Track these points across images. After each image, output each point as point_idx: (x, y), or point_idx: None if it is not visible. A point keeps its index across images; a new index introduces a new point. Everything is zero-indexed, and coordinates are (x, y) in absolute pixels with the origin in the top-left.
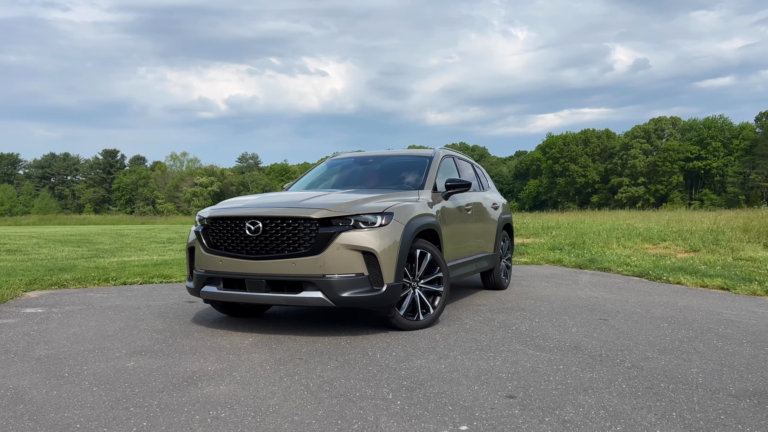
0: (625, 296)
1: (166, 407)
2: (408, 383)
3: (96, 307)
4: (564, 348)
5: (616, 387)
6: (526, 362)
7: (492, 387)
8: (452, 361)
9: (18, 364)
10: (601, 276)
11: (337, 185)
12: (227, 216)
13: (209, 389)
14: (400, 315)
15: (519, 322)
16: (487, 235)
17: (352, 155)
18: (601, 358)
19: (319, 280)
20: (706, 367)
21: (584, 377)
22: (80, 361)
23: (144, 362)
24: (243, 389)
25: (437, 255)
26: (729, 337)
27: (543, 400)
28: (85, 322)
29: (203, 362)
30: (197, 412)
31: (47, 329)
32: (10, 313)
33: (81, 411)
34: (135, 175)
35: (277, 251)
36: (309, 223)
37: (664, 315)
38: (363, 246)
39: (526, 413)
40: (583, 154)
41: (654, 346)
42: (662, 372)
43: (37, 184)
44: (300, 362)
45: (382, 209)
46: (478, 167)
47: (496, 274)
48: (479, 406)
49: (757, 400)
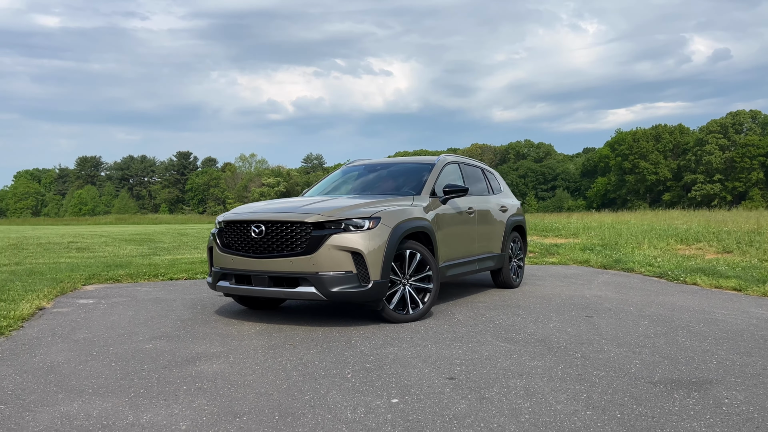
0: (630, 296)
1: (162, 379)
2: (370, 366)
3: (138, 299)
4: (531, 341)
5: (551, 373)
6: (486, 351)
7: (440, 370)
8: (420, 349)
9: (59, 344)
10: (621, 276)
11: (345, 191)
12: (237, 220)
13: (203, 367)
14: (390, 309)
15: (505, 318)
16: (493, 236)
17: (363, 163)
18: (558, 350)
19: (312, 277)
20: (649, 359)
21: (529, 365)
22: (109, 343)
23: (160, 345)
24: (231, 368)
25: (427, 255)
26: (698, 334)
27: (477, 381)
28: (124, 312)
29: (208, 346)
30: (186, 384)
31: (91, 317)
32: (67, 303)
33: (96, 380)
34: (206, 176)
35: (278, 251)
36: (304, 227)
37: (652, 313)
38: (351, 247)
39: (455, 391)
40: (654, 150)
41: (616, 340)
42: (604, 362)
43: (117, 185)
44: (290, 348)
45: (370, 214)
46: (489, 172)
47: (505, 273)
48: (418, 385)
49: (670, 386)
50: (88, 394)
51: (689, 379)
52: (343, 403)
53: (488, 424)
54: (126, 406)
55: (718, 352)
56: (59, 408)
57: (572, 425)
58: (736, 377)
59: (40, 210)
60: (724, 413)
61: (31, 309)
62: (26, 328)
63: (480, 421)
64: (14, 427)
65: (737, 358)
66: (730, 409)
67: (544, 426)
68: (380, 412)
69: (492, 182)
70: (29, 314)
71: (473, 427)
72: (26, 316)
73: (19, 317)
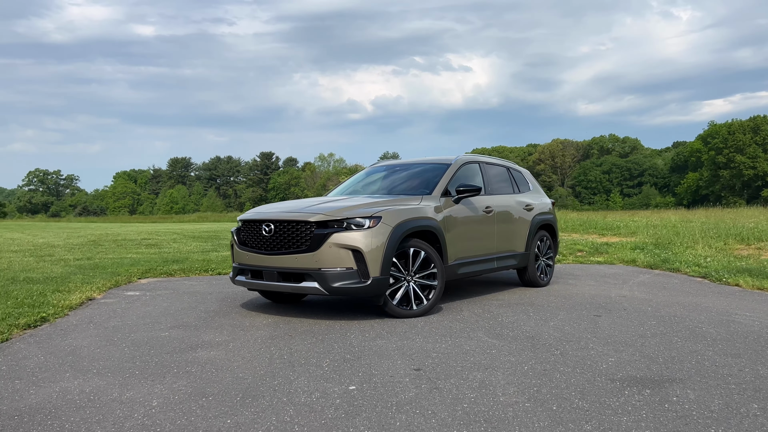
0: (657, 296)
1: (160, 363)
2: (350, 356)
3: (179, 292)
4: (521, 338)
5: (517, 368)
6: (468, 346)
7: (413, 362)
8: (407, 342)
9: (91, 331)
10: (662, 276)
11: (363, 191)
12: (251, 219)
13: (201, 353)
14: (393, 304)
15: (509, 316)
16: (516, 235)
17: (385, 164)
18: (541, 347)
19: (315, 273)
20: (627, 358)
21: (501, 360)
22: (133, 330)
23: (175, 333)
24: (225, 355)
25: (431, 253)
26: (700, 335)
27: (440, 373)
28: (161, 303)
29: (216, 335)
30: (177, 368)
31: (130, 308)
32: (115, 294)
33: (104, 362)
34: (288, 176)
35: (285, 248)
36: (308, 225)
37: (666, 314)
38: (351, 245)
39: (413, 381)
40: (752, 143)
41: (607, 339)
42: (579, 359)
43: (206, 184)
44: (288, 338)
45: (370, 214)
46: (516, 171)
47: (530, 272)
48: (382, 374)
49: (628, 383)
50: (92, 373)
51: (652, 377)
52: (304, 388)
53: (424, 410)
54: (117, 384)
55: (706, 353)
56: (61, 384)
57: (502, 415)
58: (703, 377)
59: (136, 208)
60: (662, 410)
61: (81, 299)
62: (70, 316)
63: (417, 408)
64: (17, 398)
65: (721, 359)
66: (671, 407)
67: (474, 414)
68: (333, 397)
69: (519, 181)
70: (78, 304)
71: (409, 412)
72: (75, 306)
73: (67, 306)
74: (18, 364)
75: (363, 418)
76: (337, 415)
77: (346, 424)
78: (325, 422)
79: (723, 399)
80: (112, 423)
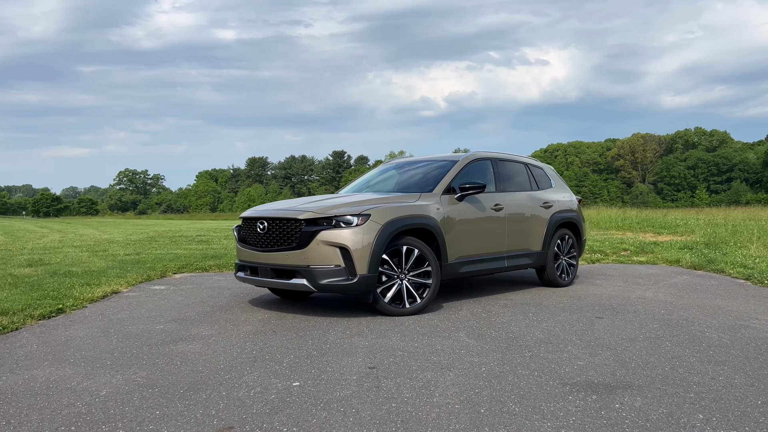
0: (680, 298)
1: (136, 354)
2: (316, 353)
3: (202, 287)
4: (501, 339)
5: (474, 370)
6: (439, 346)
7: (373, 360)
8: (382, 340)
9: (96, 322)
10: (702, 278)
11: (371, 189)
12: (248, 217)
13: (181, 346)
14: (385, 302)
15: (505, 316)
16: (532, 233)
17: (396, 161)
18: (516, 348)
19: (304, 270)
20: (597, 362)
21: (464, 360)
22: (133, 322)
23: (170, 326)
24: (201, 348)
25: (425, 251)
26: (697, 340)
27: (392, 372)
28: (176, 297)
29: (207, 328)
30: (149, 359)
31: (146, 301)
32: (142, 288)
33: (87, 352)
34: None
35: (277, 245)
36: (298, 223)
37: (675, 317)
38: (338, 242)
39: (360, 379)
40: None
41: (591, 342)
42: (544, 362)
43: (281, 183)
44: (271, 334)
45: (359, 211)
46: (536, 167)
47: (549, 271)
48: (334, 372)
49: (579, 389)
50: (68, 363)
51: (610, 383)
52: (250, 383)
53: (348, 409)
54: (82, 374)
55: (688, 359)
56: (33, 372)
57: (423, 416)
58: (665, 384)
59: (217, 206)
60: (594, 417)
61: (105, 292)
62: (88, 308)
63: (344, 406)
64: None
65: (700, 366)
66: (607, 414)
67: (396, 414)
68: (270, 393)
69: (539, 178)
70: (100, 297)
71: (332, 410)
72: (96, 298)
73: (88, 299)
74: (10, 352)
75: (284, 414)
76: (261, 410)
77: (264, 420)
78: (246, 417)
79: (669, 408)
80: (51, 410)
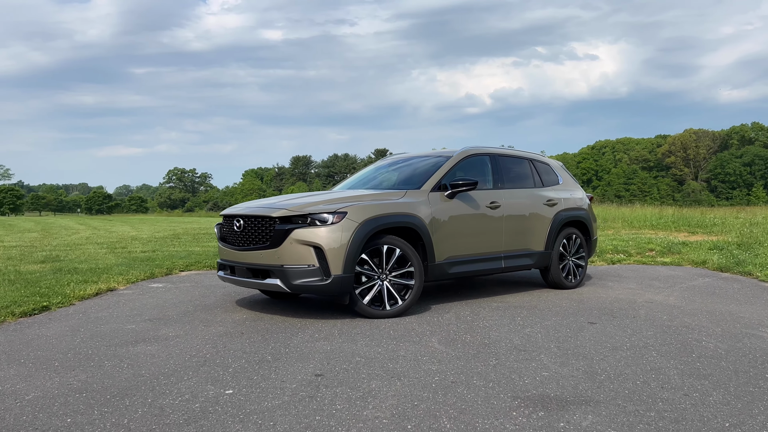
0: (692, 303)
1: (94, 353)
2: (270, 358)
3: (199, 285)
4: (473, 345)
5: (426, 380)
6: (404, 352)
7: (323, 366)
8: (347, 345)
9: (72, 320)
10: (724, 281)
11: (362, 186)
12: (226, 215)
13: (139, 348)
14: (363, 304)
15: (491, 320)
16: (533, 232)
17: (392, 158)
18: (483, 356)
19: (277, 269)
20: (565, 373)
21: (422, 368)
22: (108, 321)
23: (141, 326)
24: (161, 349)
25: (408, 251)
26: (689, 350)
27: (337, 380)
28: (167, 295)
29: (176, 328)
30: (99, 361)
31: (135, 299)
32: (139, 286)
33: (47, 352)
34: None
35: (253, 244)
36: (272, 221)
37: (676, 324)
38: (312, 241)
39: (299, 387)
40: None
41: (568, 351)
42: (506, 372)
43: (324, 181)
44: (237, 336)
45: (335, 209)
46: (541, 163)
47: (554, 272)
48: (277, 379)
49: (529, 403)
50: (17, 363)
51: (567, 397)
52: (182, 390)
53: (266, 421)
54: (23, 375)
55: (669, 372)
56: None
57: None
58: (628, 401)
59: None
60: None
61: (99, 290)
62: (75, 306)
63: (263, 418)
64: None
65: (678, 380)
66: None
67: (314, 429)
68: (196, 401)
69: (543, 174)
70: (92, 294)
71: (249, 422)
72: (88, 296)
73: (79, 296)
74: None
75: (196, 426)
76: (174, 421)
77: (173, 431)
78: (154, 428)
79: (619, 429)
80: None
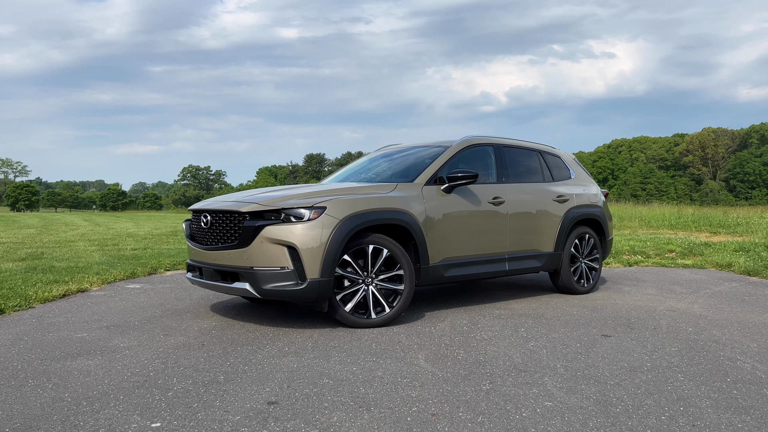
0: (720, 312)
1: (22, 369)
2: (223, 378)
3: (179, 286)
4: (466, 363)
5: (394, 411)
6: (381, 372)
7: (281, 390)
8: (318, 363)
9: (21, 327)
10: (753, 286)
11: (351, 178)
12: (194, 209)
13: (78, 362)
14: (346, 312)
15: (491, 331)
16: (541, 231)
17: (384, 150)
18: (475, 378)
19: (247, 272)
20: (572, 404)
21: (398, 395)
22: (59, 329)
23: (93, 335)
24: (102, 365)
25: (397, 252)
26: (723, 374)
27: (293, 410)
28: (141, 298)
29: (131, 339)
30: (30, 378)
31: (103, 302)
32: (114, 287)
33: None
34: None
35: (221, 243)
36: (240, 217)
37: (704, 338)
38: (285, 240)
39: (242, 421)
40: None
41: (578, 372)
42: (498, 402)
43: None
44: (195, 349)
45: (312, 204)
46: (551, 156)
47: (564, 276)
48: (218, 406)
49: None
50: None
51: None
52: (102, 421)
53: None
54: None
55: (699, 402)
56: None
57: None
58: None
59: None
60: None
61: (68, 291)
62: (35, 309)
63: None
64: None
65: (712, 415)
66: None
67: None
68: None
69: (553, 168)
70: (59, 296)
71: None
72: (52, 298)
73: (42, 299)
74: None
75: None
76: None
77: None
78: None
79: None
80: None
